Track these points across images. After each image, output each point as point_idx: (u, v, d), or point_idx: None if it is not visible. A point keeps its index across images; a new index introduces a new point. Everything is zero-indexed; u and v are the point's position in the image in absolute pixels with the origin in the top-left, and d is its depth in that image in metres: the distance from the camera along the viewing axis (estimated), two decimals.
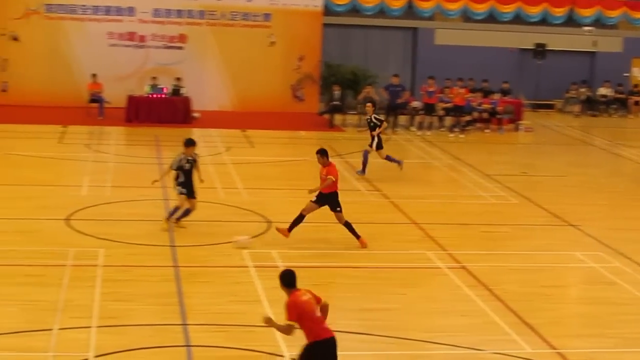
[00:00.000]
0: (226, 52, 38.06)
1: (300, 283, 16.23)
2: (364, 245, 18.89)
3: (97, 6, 37.49)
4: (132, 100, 34.69)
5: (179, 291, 15.80)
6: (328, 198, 18.83)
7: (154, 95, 34.84)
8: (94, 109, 34.82)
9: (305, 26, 38.37)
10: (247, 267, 17.32)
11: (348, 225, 18.94)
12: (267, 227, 19.97)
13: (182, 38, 38.04)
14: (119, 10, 37.63)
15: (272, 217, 20.59)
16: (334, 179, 18.63)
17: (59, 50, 37.25)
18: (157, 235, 18.78)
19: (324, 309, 11.29)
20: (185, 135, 32.21)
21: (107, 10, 37.59)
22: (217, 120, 35.16)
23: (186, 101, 34.98)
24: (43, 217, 20.33)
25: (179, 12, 37.92)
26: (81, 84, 36.14)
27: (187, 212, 19.41)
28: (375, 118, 26.20)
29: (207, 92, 37.12)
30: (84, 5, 37.40)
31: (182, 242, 18.61)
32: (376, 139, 25.90)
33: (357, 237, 18.94)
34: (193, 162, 19.40)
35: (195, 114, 35.02)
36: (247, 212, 21.48)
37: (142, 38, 37.88)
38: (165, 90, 34.98)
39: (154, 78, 35.43)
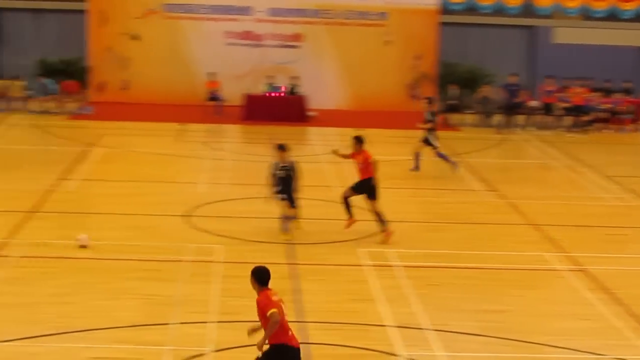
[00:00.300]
0: (342, 51, 38.08)
1: (416, 283, 16.25)
2: (348, 225, 19.11)
3: (214, 5, 37.92)
4: (249, 99, 34.99)
5: (294, 288, 15.84)
6: (363, 183, 19.10)
7: (271, 94, 35.09)
8: (211, 107, 35.21)
9: (421, 25, 38.12)
10: (363, 265, 17.28)
11: (346, 202, 19.15)
12: (382, 226, 19.83)
13: (298, 37, 38.20)
14: (235, 10, 37.96)
15: (387, 216, 20.46)
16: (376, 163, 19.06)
17: (178, 49, 37.79)
18: (274, 233, 18.84)
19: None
20: (301, 133, 32.57)
21: (224, 9, 37.97)
22: (333, 118, 35.17)
23: (302, 100, 35.14)
24: (162, 213, 20.64)
25: (295, 11, 38.07)
26: (199, 82, 36.59)
27: (285, 218, 19.06)
28: (430, 114, 25.85)
29: (323, 90, 37.14)
30: (201, 5, 37.89)
31: (299, 240, 18.65)
32: (430, 135, 25.53)
33: (349, 216, 19.11)
34: (288, 170, 18.65)
35: (312, 113, 35.13)
36: (363, 210, 21.37)
37: (258, 37, 38.15)
38: (281, 89, 35.19)
39: (271, 77, 35.68)
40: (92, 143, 29.12)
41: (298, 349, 10.68)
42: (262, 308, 10.48)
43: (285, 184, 18.60)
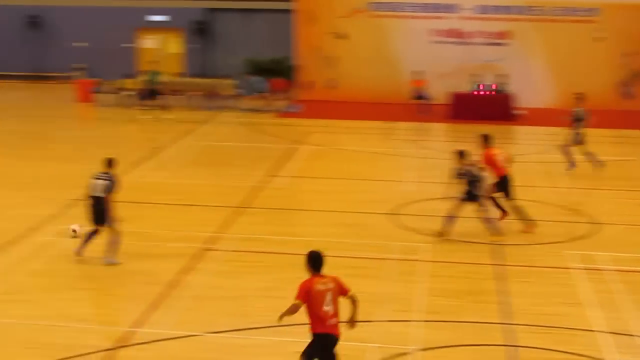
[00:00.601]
0: (550, 48, 37.29)
1: (629, 288, 15.69)
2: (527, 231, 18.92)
3: (420, 4, 37.88)
4: (456, 97, 34.77)
5: (500, 289, 15.60)
6: (498, 183, 18.98)
7: (477, 92, 34.76)
8: (417, 106, 35.17)
9: (635, 20, 36.90)
10: (571, 268, 16.82)
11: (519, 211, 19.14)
12: (594, 229, 19.29)
13: (506, 34, 37.65)
14: (442, 7, 37.79)
15: (598, 218, 19.91)
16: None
17: (383, 48, 37.94)
18: (480, 233, 18.57)
19: (354, 302, 11.20)
20: (508, 132, 32.08)
21: (430, 7, 37.88)
22: (542, 117, 34.49)
23: (509, 98, 34.65)
24: (368, 211, 20.70)
25: (503, 8, 37.55)
26: (405, 80, 36.60)
27: (450, 219, 18.51)
28: (580, 112, 24.70)
29: (531, 88, 36.47)
30: (407, 3, 37.91)
31: (506, 241, 18.34)
32: (576, 133, 24.48)
33: (528, 221, 19.01)
34: (467, 176, 18.12)
35: (520, 111, 34.57)
36: (573, 212, 20.89)
37: (465, 35, 37.85)
38: (489, 87, 34.80)
39: (477, 75, 35.34)
40: (299, 140, 29.61)
41: (330, 335, 10.85)
42: (298, 291, 10.78)
43: (469, 185, 18.21)
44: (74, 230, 18.27)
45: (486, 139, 19.65)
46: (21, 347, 12.97)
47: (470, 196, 18.24)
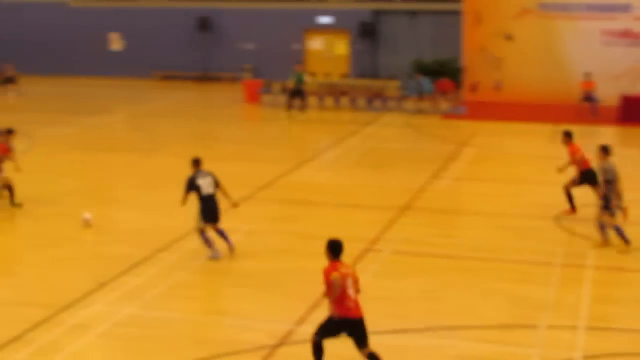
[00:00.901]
0: None
1: None
2: (566, 214, 19.65)
3: (592, 4, 37.01)
4: (625, 100, 33.81)
5: None
6: (583, 175, 19.51)
7: None
8: (586, 108, 34.37)
9: None
10: None
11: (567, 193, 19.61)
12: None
13: None
14: (613, 8, 36.83)
15: None
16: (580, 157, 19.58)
17: (552, 49, 37.25)
18: None
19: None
20: None
21: (602, 7, 36.97)
22: None
23: None
24: (532, 214, 20.35)
25: None
26: (573, 82, 35.83)
27: (602, 225, 17.77)
28: None
29: None
30: (579, 4, 37.09)
31: None
32: None
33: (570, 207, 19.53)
34: (605, 173, 17.43)
35: None
36: None
37: (638, 36, 36.79)
38: None
39: None
40: (464, 142, 29.34)
41: (357, 319, 11.58)
42: (326, 274, 11.48)
43: (606, 189, 17.53)
44: (87, 219, 18.94)
45: (569, 135, 20.21)
46: (184, 341, 13.27)
47: (605, 197, 17.52)
